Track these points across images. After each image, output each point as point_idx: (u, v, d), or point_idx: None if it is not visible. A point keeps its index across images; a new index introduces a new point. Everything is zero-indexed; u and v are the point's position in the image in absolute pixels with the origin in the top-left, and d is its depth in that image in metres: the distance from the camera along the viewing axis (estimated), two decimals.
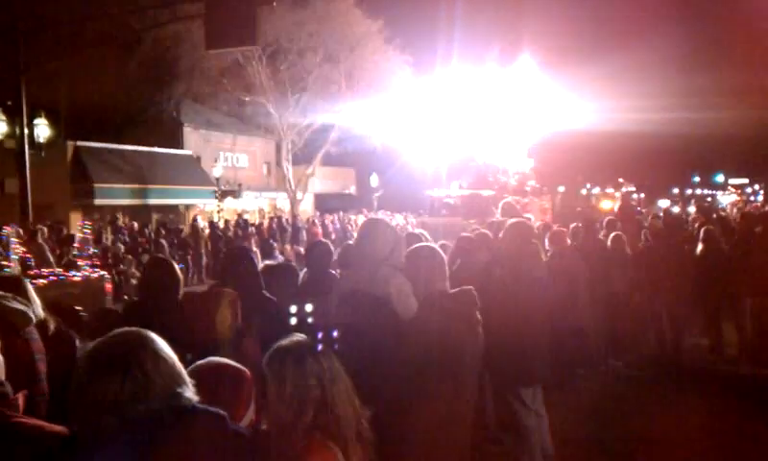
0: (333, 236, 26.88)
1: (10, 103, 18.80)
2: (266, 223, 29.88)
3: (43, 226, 16.60)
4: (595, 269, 8.84)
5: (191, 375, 2.08)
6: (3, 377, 2.32)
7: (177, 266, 4.93)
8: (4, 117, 18.67)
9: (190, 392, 1.98)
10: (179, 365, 2.01)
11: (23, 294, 3.88)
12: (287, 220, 30.17)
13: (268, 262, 5.44)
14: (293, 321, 2.95)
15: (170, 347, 2.04)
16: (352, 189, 47.32)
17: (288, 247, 23.50)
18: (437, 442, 3.80)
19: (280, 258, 13.81)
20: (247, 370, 2.60)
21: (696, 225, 12.71)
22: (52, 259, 15.01)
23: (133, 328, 2.04)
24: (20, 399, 2.31)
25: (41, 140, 19.39)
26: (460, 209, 22.16)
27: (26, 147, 18.49)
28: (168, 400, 1.91)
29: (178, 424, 1.89)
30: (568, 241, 8.90)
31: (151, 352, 1.95)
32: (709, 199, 70.10)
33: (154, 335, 2.02)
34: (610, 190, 72.78)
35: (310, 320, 2.95)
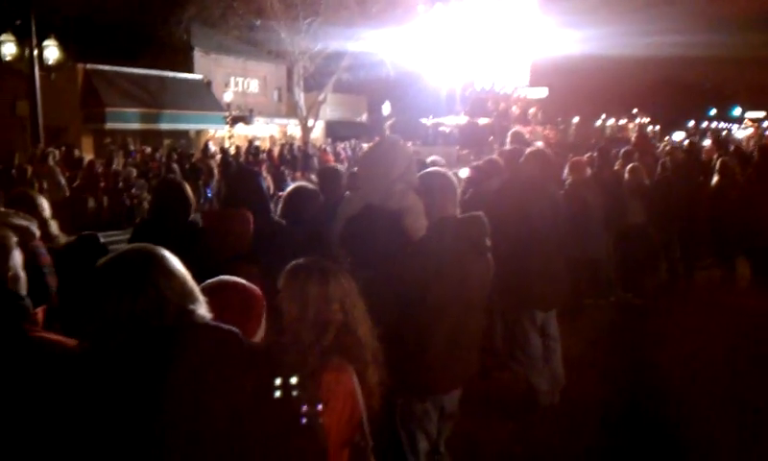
0: (345, 164, 26.77)
1: (19, 22, 18.57)
2: (277, 150, 29.76)
3: (54, 149, 16.58)
4: (611, 200, 8.77)
5: (202, 293, 2.06)
6: (24, 292, 2.32)
7: (188, 188, 4.90)
8: (13, 38, 18.48)
9: (203, 309, 1.97)
10: (191, 282, 2.00)
11: (35, 210, 3.88)
12: (299, 147, 30.03)
13: (296, 185, 5.39)
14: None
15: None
16: (364, 117, 46.95)
17: (299, 174, 23.46)
18: (444, 364, 3.82)
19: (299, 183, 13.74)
20: (257, 288, 2.59)
21: (713, 156, 12.56)
22: (63, 182, 15.06)
23: (146, 245, 2.02)
24: (40, 313, 2.32)
25: (51, 62, 19.22)
26: (455, 138, 21.37)
27: (36, 69, 18.33)
28: (181, 316, 1.90)
29: (191, 340, 1.88)
30: (588, 171, 8.80)
31: (163, 269, 1.94)
32: (725, 132, 69.28)
33: (166, 252, 2.00)
34: (623, 121, 72.06)
35: None
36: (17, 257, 2.36)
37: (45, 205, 4.34)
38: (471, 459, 4.92)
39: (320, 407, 2.32)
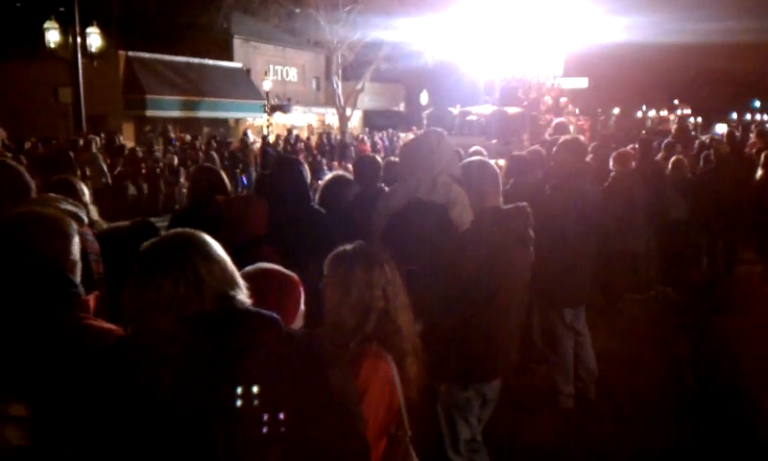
0: (382, 154, 26.76)
1: (62, 9, 18.86)
2: (314, 139, 29.85)
3: (96, 135, 16.85)
4: (653, 193, 8.64)
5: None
6: (78, 279, 2.36)
7: (223, 175, 4.95)
8: (57, 26, 18.78)
9: (243, 295, 1.97)
10: (231, 267, 1.99)
11: (75, 196, 3.94)
12: (336, 136, 30.10)
13: (333, 174, 5.42)
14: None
15: None
16: (402, 107, 46.85)
17: (336, 163, 23.52)
18: (487, 353, 3.82)
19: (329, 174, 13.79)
20: (296, 276, 2.59)
21: (755, 150, 12.28)
22: (105, 169, 15.29)
23: (186, 230, 2.02)
24: (92, 300, 2.35)
25: (93, 49, 19.51)
26: (483, 128, 20.89)
27: (79, 56, 18.61)
28: (221, 302, 1.90)
29: (231, 325, 1.88)
30: (633, 163, 8.66)
31: (204, 254, 1.94)
32: None
33: (206, 237, 2.00)
34: (663, 113, 70.86)
35: None
36: (77, 244, 2.39)
37: (86, 190, 4.42)
38: (506, 450, 4.90)
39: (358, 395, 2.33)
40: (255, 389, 1.83)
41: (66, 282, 2.27)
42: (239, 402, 1.81)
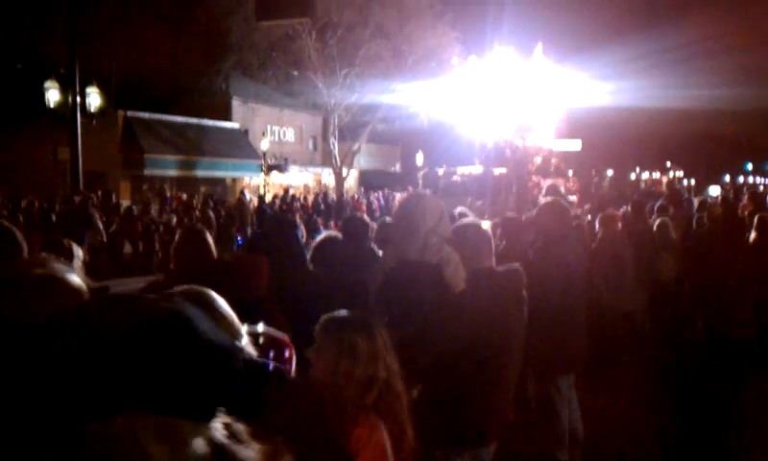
0: (378, 214, 26.88)
1: (63, 71, 19.11)
2: (311, 198, 30.01)
3: (93, 194, 16.92)
4: (643, 255, 8.68)
5: None
6: None
7: (209, 236, 4.97)
8: (57, 85, 19.00)
9: (249, 347, 2.03)
10: (237, 322, 2.04)
11: (66, 256, 3.95)
12: (332, 196, 30.29)
13: (325, 234, 5.44)
14: None
15: None
16: (397, 167, 47.21)
17: (332, 223, 23.60)
18: (483, 417, 3.80)
19: (328, 232, 13.83)
20: (286, 336, 2.59)
21: (747, 212, 12.38)
22: (101, 227, 15.32)
23: (195, 286, 2.08)
24: None
25: (93, 109, 19.70)
26: (468, 188, 20.84)
27: (78, 115, 18.80)
28: (228, 357, 1.95)
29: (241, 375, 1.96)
30: (619, 225, 8.72)
31: (213, 309, 1.98)
32: (762, 187, 68.37)
33: (213, 293, 2.06)
34: (656, 175, 71.45)
35: None
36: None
37: (78, 252, 4.44)
38: None
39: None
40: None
41: None
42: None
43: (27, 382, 1.92)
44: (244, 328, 2.17)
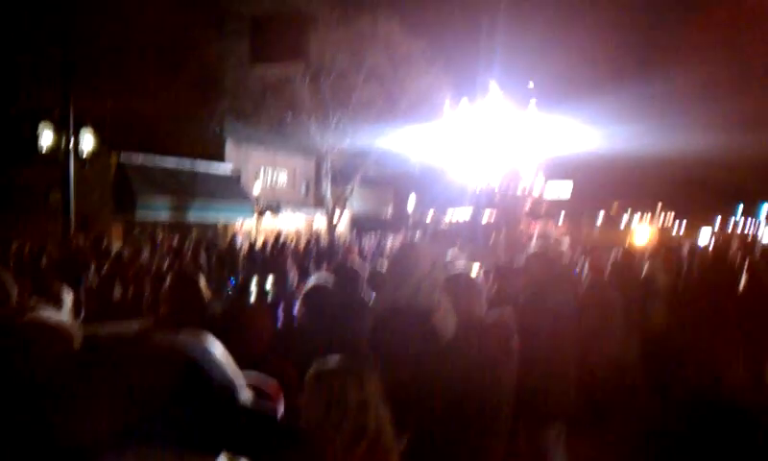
0: (369, 257, 26.84)
1: (56, 115, 19.18)
2: (303, 241, 29.98)
3: (84, 237, 16.88)
4: (632, 301, 8.66)
5: None
6: None
7: (201, 282, 4.95)
8: (51, 128, 19.05)
9: (246, 393, 2.15)
10: (234, 367, 2.15)
11: (56, 302, 3.94)
12: (324, 240, 30.27)
13: (315, 281, 5.43)
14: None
15: None
16: (390, 210, 47.33)
17: (324, 267, 23.53)
18: None
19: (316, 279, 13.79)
20: (275, 381, 2.62)
21: (739, 257, 12.43)
22: (92, 271, 15.23)
23: (194, 332, 2.19)
24: None
25: (86, 152, 19.72)
26: (457, 233, 20.87)
27: (71, 158, 18.81)
28: (228, 399, 2.07)
29: (238, 421, 2.08)
30: (607, 269, 8.72)
31: (210, 355, 2.09)
32: (753, 231, 68.64)
33: (212, 338, 2.16)
34: (647, 217, 71.84)
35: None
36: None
37: (68, 297, 4.43)
38: None
39: None
40: None
41: None
42: None
43: (49, 417, 1.98)
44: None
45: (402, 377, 3.53)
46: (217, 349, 2.13)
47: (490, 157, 25.32)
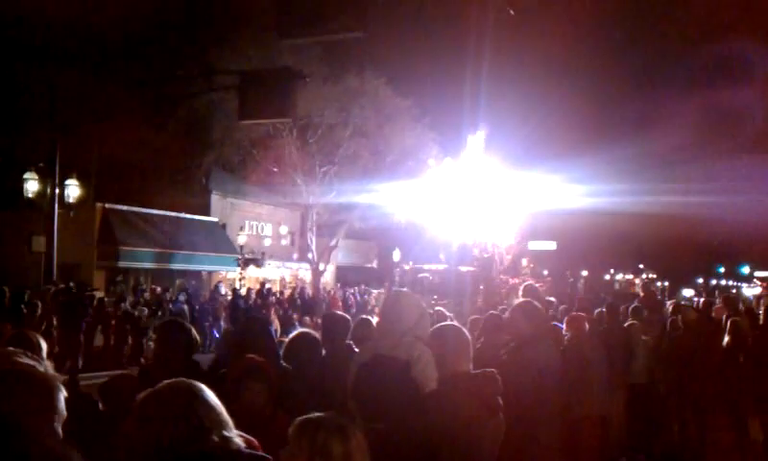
0: (354, 310, 26.80)
1: (42, 165, 19.21)
2: (287, 293, 29.90)
3: (66, 285, 16.77)
4: (616, 357, 8.65)
5: None
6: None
7: (191, 329, 4.95)
8: (36, 176, 19.06)
9: (238, 438, 2.20)
10: (225, 413, 2.22)
11: (33, 350, 3.90)
12: (308, 292, 30.22)
13: (298, 332, 5.43)
14: None
15: None
16: (375, 263, 47.34)
17: (308, 318, 23.47)
18: None
19: (300, 329, 13.78)
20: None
21: (724, 317, 12.50)
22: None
23: (185, 379, 2.26)
24: None
25: (71, 200, 19.72)
26: (435, 287, 20.81)
27: (56, 207, 18.78)
28: (220, 443, 2.12)
29: None
30: (586, 326, 8.69)
31: (203, 400, 2.17)
32: (734, 290, 69.16)
33: (203, 386, 2.24)
34: (629, 277, 72.22)
35: None
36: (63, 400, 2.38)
37: (43, 345, 4.39)
38: None
39: None
40: None
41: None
42: None
43: None
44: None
45: (383, 426, 3.51)
46: (206, 395, 2.20)
47: (469, 214, 25.48)
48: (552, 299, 12.21)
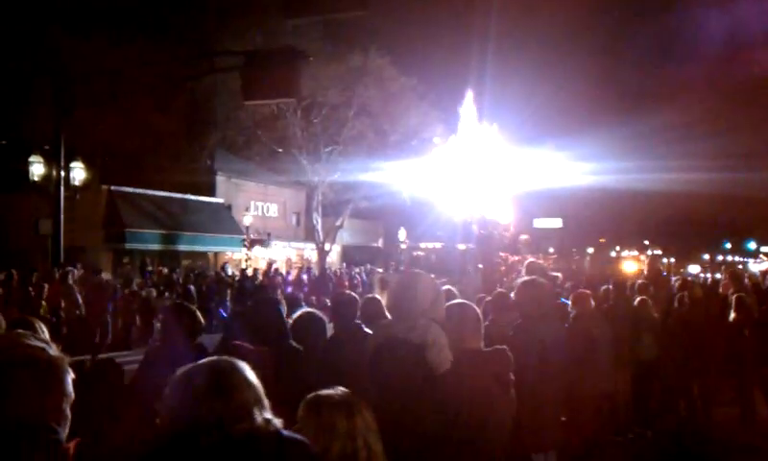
0: (360, 289, 26.84)
1: (47, 148, 19.22)
2: (293, 273, 29.97)
3: (73, 268, 16.84)
4: (622, 334, 8.64)
5: None
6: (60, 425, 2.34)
7: (196, 312, 4.97)
8: (42, 159, 19.06)
9: (277, 420, 2.16)
10: (263, 393, 2.17)
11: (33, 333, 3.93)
12: (314, 271, 30.29)
13: (303, 311, 5.44)
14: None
15: None
16: (380, 242, 47.39)
17: (314, 298, 23.51)
18: None
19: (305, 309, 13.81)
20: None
21: (729, 291, 12.49)
22: (80, 301, 15.19)
23: (227, 358, 2.23)
24: (71, 447, 2.30)
25: (77, 183, 19.73)
26: (432, 264, 20.77)
27: (62, 189, 18.80)
28: (263, 422, 2.10)
29: (275, 445, 2.10)
30: (592, 303, 8.69)
31: (245, 378, 2.14)
32: (741, 266, 69.06)
33: (244, 364, 2.19)
34: (634, 253, 72.13)
35: None
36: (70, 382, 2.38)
37: (44, 328, 4.41)
38: None
39: None
40: None
41: (46, 430, 2.24)
42: None
43: None
44: None
45: (397, 409, 3.53)
46: (249, 373, 2.17)
47: (472, 191, 25.34)
48: (557, 274, 12.18)
